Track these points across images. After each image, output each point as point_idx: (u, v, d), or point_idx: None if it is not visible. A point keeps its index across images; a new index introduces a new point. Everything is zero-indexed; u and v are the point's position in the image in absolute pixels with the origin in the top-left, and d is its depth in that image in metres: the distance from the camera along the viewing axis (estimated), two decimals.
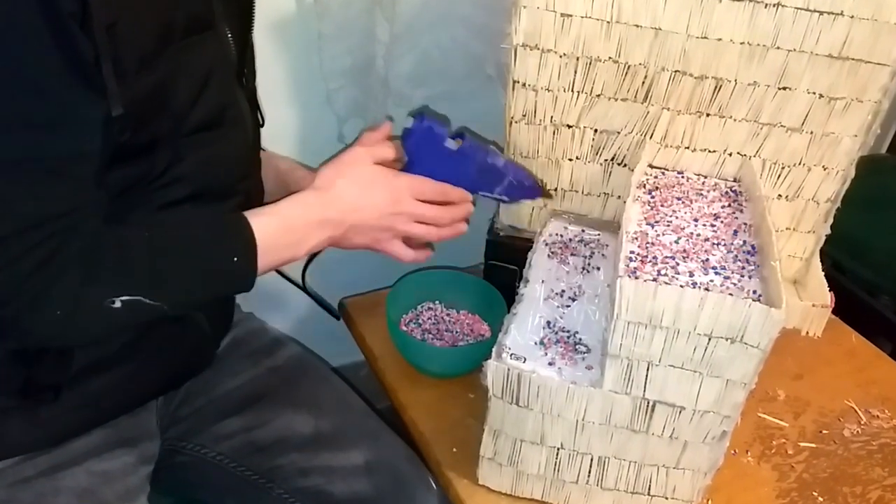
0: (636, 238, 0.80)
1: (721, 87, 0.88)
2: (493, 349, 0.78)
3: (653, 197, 0.88)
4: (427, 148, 0.84)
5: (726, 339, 0.69)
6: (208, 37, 0.74)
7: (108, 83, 0.63)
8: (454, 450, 0.89)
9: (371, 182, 0.83)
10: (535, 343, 0.80)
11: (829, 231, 0.98)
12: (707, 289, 0.72)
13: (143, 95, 0.67)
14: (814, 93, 0.87)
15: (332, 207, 0.80)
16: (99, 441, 0.83)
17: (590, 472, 0.80)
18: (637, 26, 0.85)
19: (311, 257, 0.93)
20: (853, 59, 0.84)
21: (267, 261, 0.75)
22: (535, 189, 0.95)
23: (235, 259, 0.73)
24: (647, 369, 0.72)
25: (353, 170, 0.83)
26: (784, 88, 0.87)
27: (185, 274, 0.72)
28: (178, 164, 0.73)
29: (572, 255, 0.93)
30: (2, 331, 0.68)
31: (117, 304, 0.67)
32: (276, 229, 0.76)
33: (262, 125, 0.92)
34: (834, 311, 1.03)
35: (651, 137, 0.93)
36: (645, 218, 0.84)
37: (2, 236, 0.62)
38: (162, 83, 0.69)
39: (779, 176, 0.94)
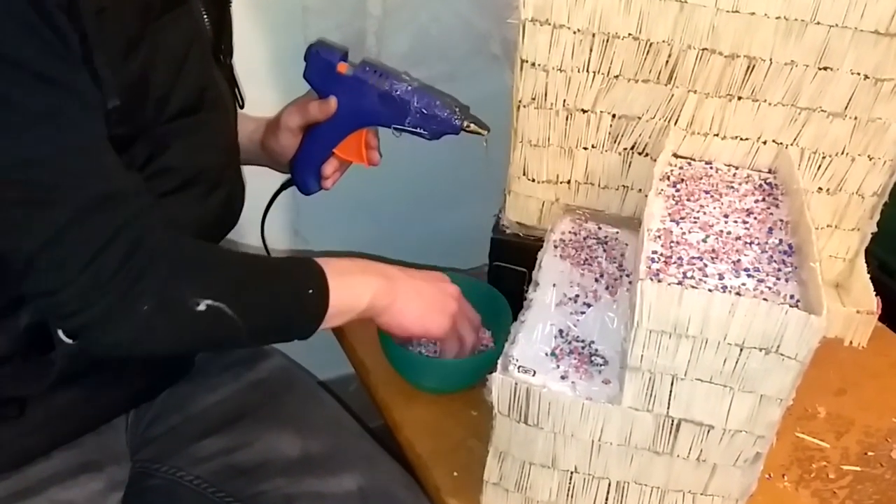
0: (659, 236, 0.80)
1: (754, 66, 0.88)
2: (499, 361, 0.77)
3: (678, 190, 0.88)
4: (323, 77, 0.93)
5: (760, 350, 0.69)
6: (182, 13, 0.75)
7: (101, 73, 0.64)
8: (455, 474, 0.89)
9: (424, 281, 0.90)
10: (546, 354, 0.80)
11: (875, 228, 0.98)
12: (739, 293, 0.72)
13: (130, 83, 0.68)
14: (858, 73, 0.87)
15: (380, 266, 0.86)
16: (61, 466, 0.83)
17: (607, 498, 0.80)
18: None
19: (268, 208, 1.05)
20: None
21: (335, 303, 0.79)
22: (450, 120, 0.95)
23: (311, 291, 0.77)
24: (672, 384, 0.72)
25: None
26: (825, 69, 0.87)
27: (264, 291, 0.76)
28: (163, 153, 0.75)
29: (587, 255, 0.93)
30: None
31: (202, 307, 0.69)
32: (345, 271, 0.82)
33: (242, 107, 0.92)
34: (881, 318, 1.03)
35: (676, 123, 0.93)
36: (669, 214, 0.84)
37: (82, 220, 0.64)
38: (144, 68, 0.70)
39: (819, 167, 0.94)
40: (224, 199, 0.85)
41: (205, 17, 0.81)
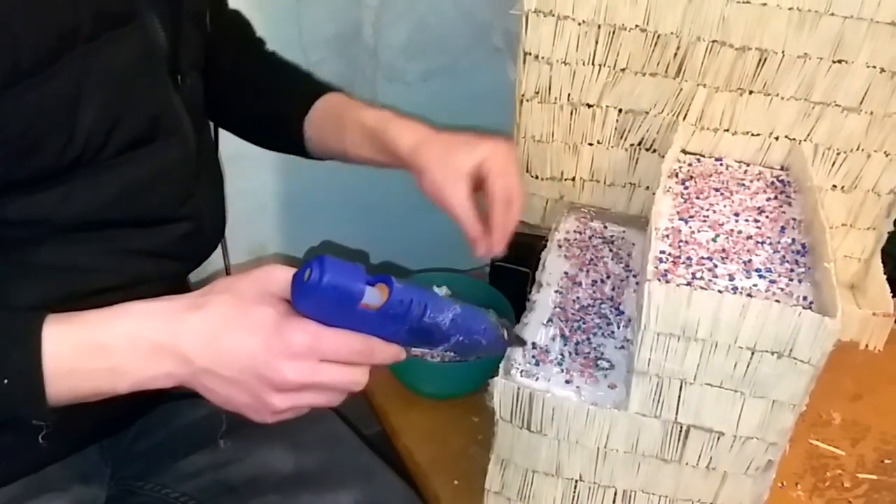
0: (667, 235, 0.80)
1: (766, 59, 0.88)
2: (501, 365, 0.77)
3: (686, 188, 0.88)
4: (331, 310, 0.64)
5: (772, 354, 0.69)
6: (129, 31, 0.70)
7: None
8: (455, 482, 0.89)
9: (256, 324, 0.64)
10: (550, 358, 0.80)
11: (891, 227, 0.98)
12: (750, 295, 0.72)
13: (24, 115, 0.65)
14: (874, 66, 0.87)
15: (182, 334, 0.64)
16: (18, 489, 0.81)
17: None
18: None
19: None
20: None
21: (66, 387, 0.63)
22: (492, 348, 0.74)
23: (6, 381, 0.62)
24: (680, 388, 0.72)
25: (241, 299, 0.66)
26: (839, 61, 0.88)
27: None
28: (99, 190, 0.71)
29: (593, 255, 0.93)
30: None
31: None
32: (79, 346, 0.63)
33: (215, 136, 0.90)
34: None
35: (684, 118, 0.93)
36: (677, 212, 0.84)
37: None
38: (57, 98, 0.66)
39: (833, 163, 0.95)
40: (185, 233, 0.80)
41: (161, 33, 0.75)
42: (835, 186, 0.96)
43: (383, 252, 1.23)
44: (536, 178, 1.00)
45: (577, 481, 0.79)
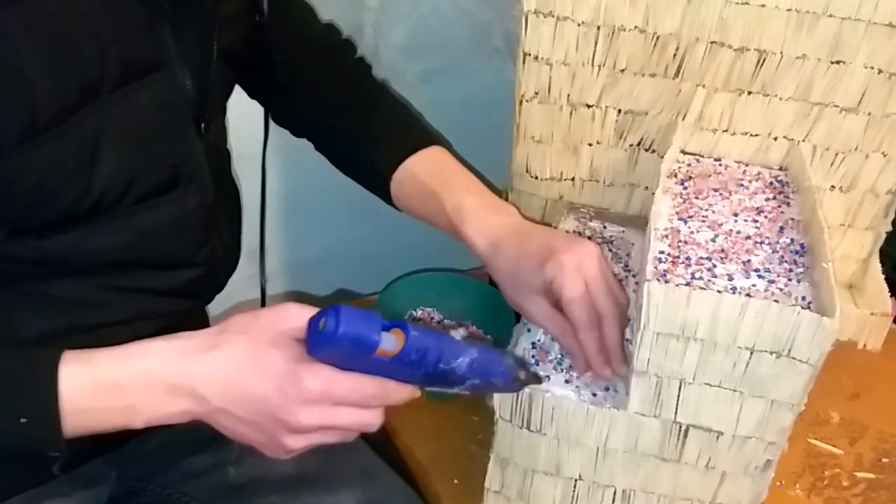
0: (666, 236, 0.80)
1: (765, 60, 0.88)
2: None
3: (686, 188, 0.88)
4: (346, 357, 0.64)
5: (771, 353, 0.69)
6: (155, 79, 0.69)
7: None
8: (455, 481, 0.89)
9: (270, 370, 0.64)
10: (550, 358, 0.80)
11: (889, 228, 0.99)
12: (749, 294, 0.72)
13: (40, 168, 0.64)
14: (872, 67, 0.87)
15: (197, 374, 0.64)
16: (22, 497, 0.81)
17: None
18: None
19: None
20: None
21: (82, 423, 0.64)
22: (507, 388, 0.73)
23: (24, 421, 0.62)
24: (679, 388, 0.72)
25: (255, 342, 0.65)
26: (837, 62, 0.88)
27: None
28: (114, 236, 0.71)
29: None
30: None
31: None
32: (95, 386, 0.63)
33: (236, 187, 0.89)
34: None
35: (684, 119, 0.93)
36: (677, 212, 0.84)
37: None
38: (74, 150, 0.65)
39: (832, 163, 0.95)
40: (197, 277, 0.80)
41: (188, 82, 0.73)
42: (833, 187, 0.96)
43: (384, 252, 1.23)
44: (536, 178, 1.00)
45: (576, 480, 0.79)
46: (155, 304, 0.79)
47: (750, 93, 0.91)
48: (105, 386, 0.63)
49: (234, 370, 0.64)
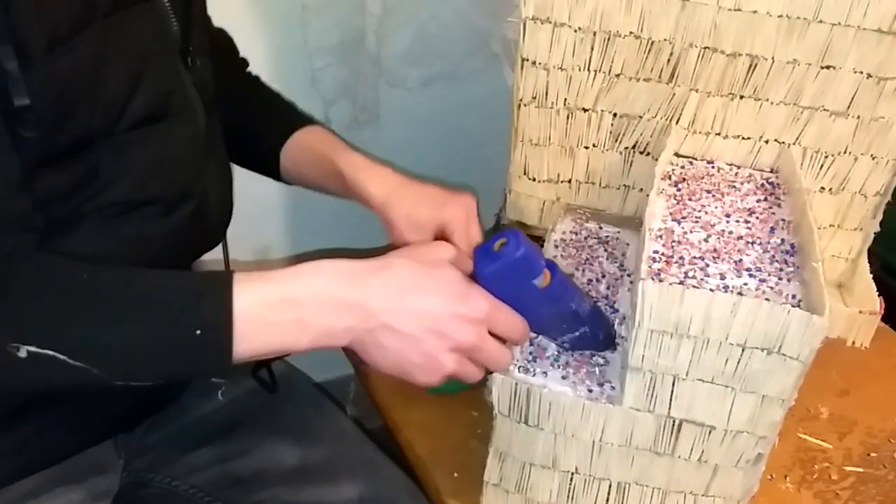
0: (660, 236, 0.81)
1: (756, 65, 0.89)
2: None
3: (679, 189, 0.89)
4: (507, 279, 0.70)
5: (762, 350, 0.69)
6: (142, 10, 0.71)
7: (6, 66, 0.61)
8: (455, 475, 0.90)
9: (442, 285, 0.68)
10: (547, 355, 0.81)
11: (878, 228, 0.99)
12: (740, 293, 0.73)
13: (60, 81, 0.65)
14: (861, 72, 0.88)
15: (369, 290, 0.67)
16: (37, 481, 0.82)
17: (608, 499, 0.81)
18: None
19: None
20: None
21: (252, 342, 0.64)
22: (607, 342, 0.82)
23: (198, 332, 0.62)
24: (673, 384, 0.73)
25: (423, 263, 0.69)
26: (827, 67, 0.88)
27: (121, 337, 0.63)
28: (118, 166, 0.71)
29: (588, 255, 0.94)
30: None
31: (22, 354, 0.60)
32: (268, 300, 0.65)
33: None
34: (884, 319, 1.03)
35: (677, 122, 0.94)
36: (670, 213, 0.84)
37: None
38: (85, 66, 0.66)
39: (821, 166, 0.95)
40: (192, 212, 0.80)
41: (171, 15, 0.75)
42: (823, 188, 0.97)
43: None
44: (533, 180, 1.01)
45: (572, 474, 0.80)
46: (156, 256, 0.77)
47: (742, 97, 0.91)
48: (277, 300, 0.65)
49: (407, 286, 0.67)
